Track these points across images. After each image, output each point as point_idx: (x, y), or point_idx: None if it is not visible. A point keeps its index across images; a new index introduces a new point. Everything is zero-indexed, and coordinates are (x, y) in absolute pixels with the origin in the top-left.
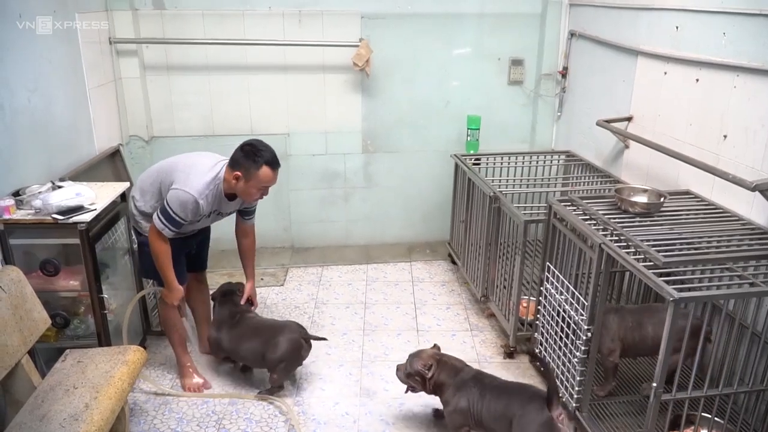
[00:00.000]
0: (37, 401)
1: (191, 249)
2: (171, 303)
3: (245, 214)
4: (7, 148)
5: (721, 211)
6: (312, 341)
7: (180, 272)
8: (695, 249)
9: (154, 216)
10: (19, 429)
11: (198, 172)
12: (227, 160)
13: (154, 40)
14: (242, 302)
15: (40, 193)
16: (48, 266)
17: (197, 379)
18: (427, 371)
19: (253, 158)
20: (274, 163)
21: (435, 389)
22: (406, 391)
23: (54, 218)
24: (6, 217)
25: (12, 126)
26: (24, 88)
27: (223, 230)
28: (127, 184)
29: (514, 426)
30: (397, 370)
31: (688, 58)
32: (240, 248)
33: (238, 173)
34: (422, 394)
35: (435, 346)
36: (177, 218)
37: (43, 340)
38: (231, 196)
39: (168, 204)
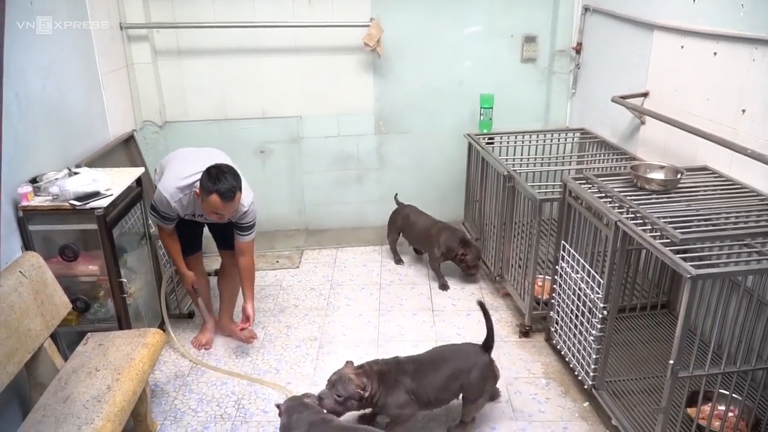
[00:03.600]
0: (60, 383)
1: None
2: (186, 286)
3: (238, 228)
4: (23, 135)
5: (739, 186)
6: None
7: (192, 243)
8: (713, 225)
9: (150, 212)
10: (43, 411)
11: (176, 177)
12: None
13: (165, 24)
14: (241, 324)
15: (56, 179)
16: (67, 252)
17: (202, 337)
18: (364, 391)
19: (209, 184)
20: (225, 194)
21: (370, 402)
22: (339, 416)
23: (71, 204)
24: (24, 203)
25: (27, 114)
26: (38, 76)
27: None
28: (141, 170)
29: (465, 382)
30: (321, 399)
31: (706, 32)
32: (237, 266)
33: (197, 191)
34: None
35: (347, 363)
36: (160, 212)
37: (64, 324)
38: None
39: (154, 197)
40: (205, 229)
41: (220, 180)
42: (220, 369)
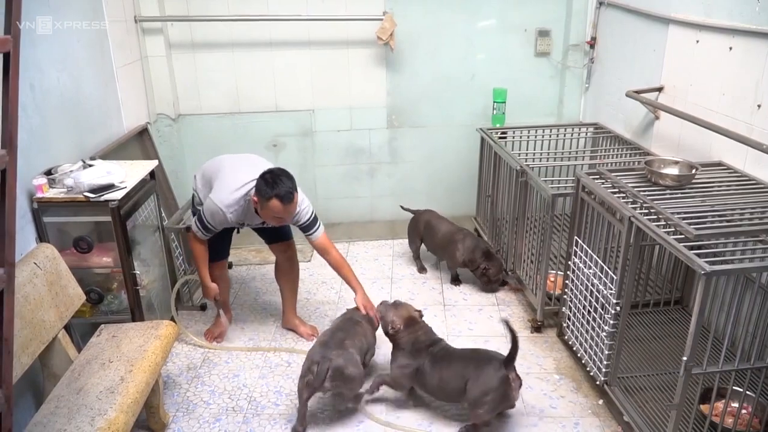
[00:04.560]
0: (74, 375)
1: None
2: (208, 298)
3: (304, 229)
4: (38, 127)
5: (754, 182)
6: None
7: (222, 249)
8: (727, 221)
9: (193, 219)
10: (57, 401)
11: (230, 188)
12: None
13: (179, 17)
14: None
15: (71, 171)
16: (81, 243)
17: (215, 329)
18: (393, 327)
19: (266, 189)
20: (285, 197)
21: (393, 341)
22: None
23: (86, 196)
24: (39, 195)
25: (42, 105)
26: (53, 68)
27: None
28: (155, 162)
29: (469, 387)
30: (381, 303)
31: (721, 26)
32: (330, 264)
33: (255, 198)
34: None
35: (420, 312)
36: (208, 225)
37: (78, 316)
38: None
39: (203, 211)
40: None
41: (278, 184)
42: (241, 347)
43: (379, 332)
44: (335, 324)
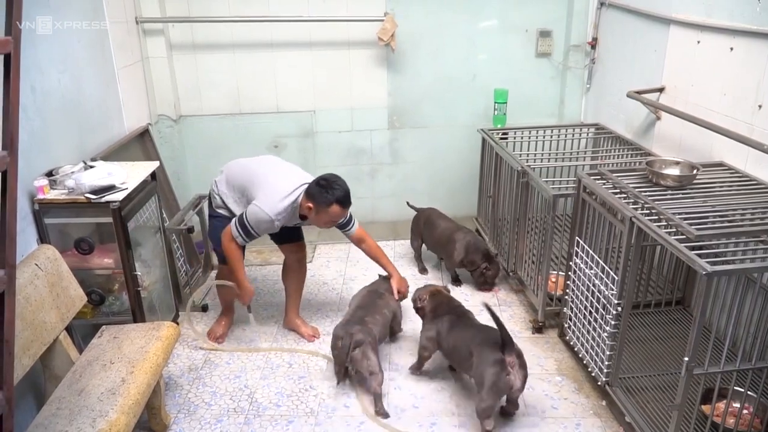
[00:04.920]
0: (75, 376)
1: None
2: (243, 302)
3: (341, 226)
4: (39, 129)
5: (755, 183)
6: None
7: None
8: (729, 222)
9: (232, 222)
10: (58, 403)
11: (279, 196)
12: (308, 184)
13: (180, 18)
14: (395, 296)
15: (72, 173)
16: (83, 245)
17: (217, 329)
18: (419, 301)
19: (325, 195)
20: (345, 201)
21: (421, 315)
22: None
23: (87, 197)
24: (41, 196)
25: (43, 107)
26: (54, 69)
27: None
28: (156, 164)
29: (474, 361)
30: (417, 290)
31: (722, 27)
32: (367, 251)
33: (310, 205)
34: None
35: (445, 287)
36: (252, 231)
37: (79, 317)
38: (303, 216)
39: (247, 217)
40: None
41: (335, 189)
42: (259, 348)
43: (409, 308)
44: (359, 299)
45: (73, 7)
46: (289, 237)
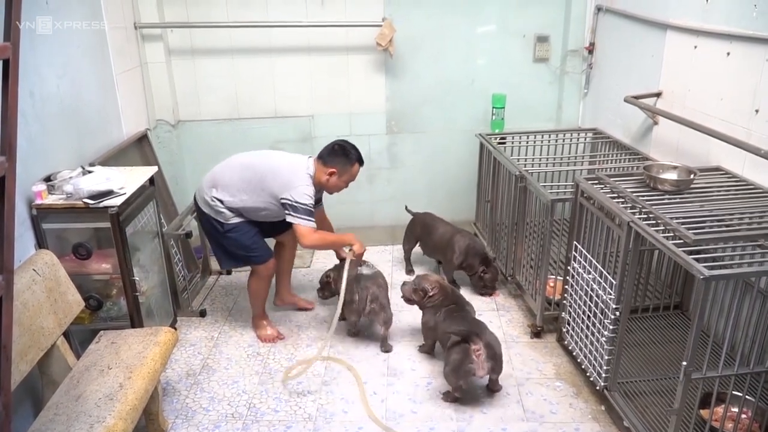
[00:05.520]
0: (72, 382)
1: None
2: (359, 252)
3: (317, 201)
4: (37, 134)
5: (752, 187)
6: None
7: (267, 248)
8: (726, 226)
9: (296, 220)
10: (55, 409)
11: (304, 171)
12: (310, 159)
13: (179, 24)
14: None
15: (70, 178)
16: (80, 250)
17: (271, 331)
18: (431, 290)
19: (348, 156)
20: (362, 160)
21: (423, 306)
22: (407, 301)
23: (85, 203)
24: (39, 202)
25: (42, 112)
26: (53, 75)
27: None
28: (155, 168)
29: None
30: (404, 284)
31: (719, 32)
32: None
33: (333, 169)
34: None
35: (436, 277)
36: (311, 209)
37: (77, 322)
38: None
39: (300, 203)
40: None
41: (353, 150)
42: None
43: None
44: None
45: (72, 13)
46: (287, 224)
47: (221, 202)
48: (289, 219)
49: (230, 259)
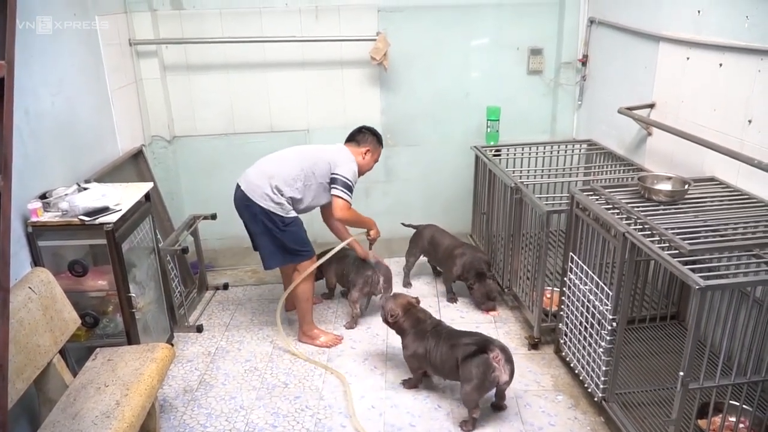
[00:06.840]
0: (69, 399)
1: None
2: (374, 237)
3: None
4: (33, 151)
5: (746, 197)
6: None
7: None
8: (721, 236)
9: (340, 193)
10: (52, 427)
11: (347, 152)
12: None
13: (173, 40)
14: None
15: (66, 195)
16: (76, 267)
17: (329, 335)
18: (390, 317)
19: (376, 135)
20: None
21: (398, 331)
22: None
23: (81, 220)
24: (34, 219)
25: (37, 129)
26: (47, 92)
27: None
28: (150, 185)
29: (460, 368)
30: (387, 300)
31: (711, 43)
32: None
33: (368, 147)
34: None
35: (416, 299)
36: (352, 185)
37: (73, 340)
38: None
39: (347, 178)
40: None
41: (376, 132)
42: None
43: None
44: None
45: (68, 31)
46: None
47: (281, 193)
48: (332, 192)
49: (284, 255)
